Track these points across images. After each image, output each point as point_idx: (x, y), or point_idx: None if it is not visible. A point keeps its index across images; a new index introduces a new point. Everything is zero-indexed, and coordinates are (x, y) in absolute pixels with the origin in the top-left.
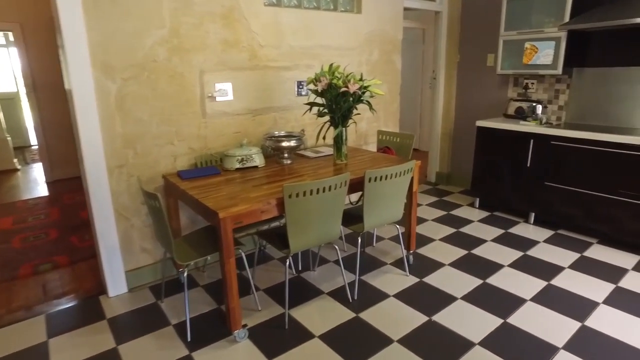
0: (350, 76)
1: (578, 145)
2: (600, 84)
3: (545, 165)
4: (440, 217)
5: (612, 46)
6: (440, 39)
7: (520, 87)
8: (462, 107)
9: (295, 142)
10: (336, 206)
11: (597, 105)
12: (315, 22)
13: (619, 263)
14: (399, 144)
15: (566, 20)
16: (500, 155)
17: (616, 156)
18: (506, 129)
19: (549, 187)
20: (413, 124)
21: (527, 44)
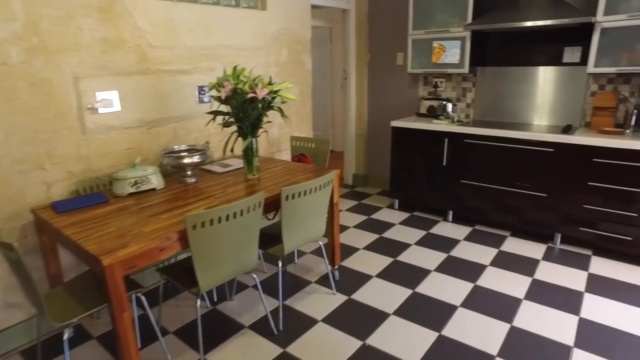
0: (257, 80)
1: (485, 143)
2: (500, 83)
3: (459, 163)
4: (362, 223)
5: (508, 47)
6: (349, 38)
7: (430, 85)
8: (375, 107)
9: (198, 157)
10: (251, 231)
11: (498, 103)
12: (215, 19)
13: (531, 254)
14: (315, 150)
15: (469, 20)
16: (417, 155)
17: (513, 151)
18: (421, 128)
19: (464, 185)
20: (326, 124)
21: (435, 43)
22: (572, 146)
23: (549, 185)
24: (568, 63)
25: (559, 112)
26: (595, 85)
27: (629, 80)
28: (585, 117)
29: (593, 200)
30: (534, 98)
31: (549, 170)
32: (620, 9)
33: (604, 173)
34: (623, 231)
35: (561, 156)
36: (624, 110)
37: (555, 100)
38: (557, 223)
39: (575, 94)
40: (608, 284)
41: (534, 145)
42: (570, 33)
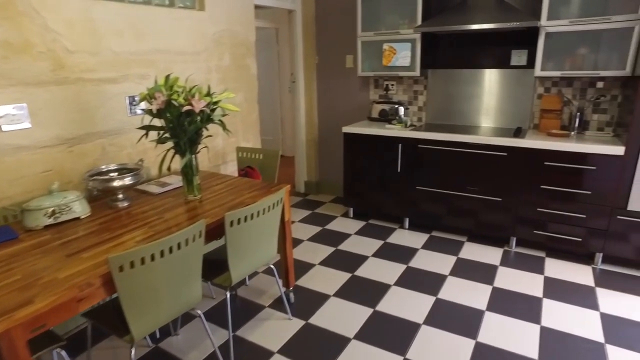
0: (194, 90)
1: (440, 147)
2: (451, 85)
3: (414, 168)
4: (317, 235)
5: (458, 49)
6: (296, 40)
7: (381, 88)
8: (326, 111)
9: (131, 179)
10: (191, 265)
11: (450, 105)
12: (146, 20)
13: (489, 259)
14: (263, 162)
15: (419, 22)
16: (370, 161)
17: (467, 155)
18: (373, 134)
19: (420, 191)
20: (275, 129)
21: (385, 46)
22: (524, 150)
23: (504, 189)
24: (516, 66)
25: (509, 114)
26: (542, 88)
27: (571, 84)
28: (534, 119)
29: (546, 203)
30: (484, 100)
31: (503, 174)
32: (561, 15)
33: (555, 176)
34: (573, 232)
35: (514, 160)
36: (569, 112)
37: (505, 102)
38: (512, 227)
39: (524, 97)
40: (563, 287)
41: (488, 149)
42: (517, 36)
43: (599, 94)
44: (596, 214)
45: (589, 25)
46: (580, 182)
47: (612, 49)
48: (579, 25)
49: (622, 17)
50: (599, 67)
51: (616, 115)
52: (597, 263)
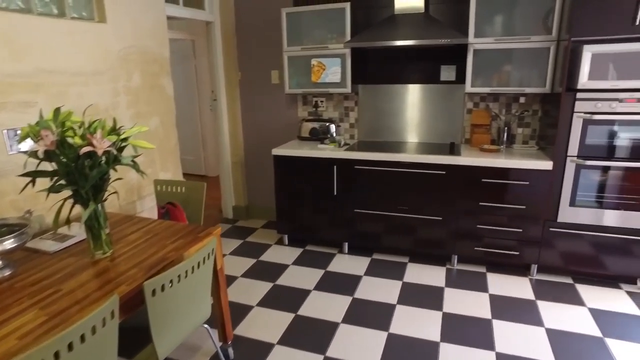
0: (96, 125)
1: (377, 168)
2: (383, 101)
3: (351, 190)
4: (251, 269)
5: (388, 64)
6: (216, 54)
7: (310, 105)
8: (251, 130)
9: (13, 241)
10: (103, 351)
11: (383, 122)
12: (27, 34)
13: (434, 281)
14: (187, 196)
15: (348, 37)
16: (304, 184)
17: (405, 175)
18: (306, 155)
19: (359, 214)
20: (195, 148)
21: (313, 61)
22: (462, 168)
23: (443, 208)
24: (445, 81)
25: (441, 129)
26: (471, 103)
27: (497, 99)
28: (465, 134)
29: (485, 219)
30: (416, 116)
31: (442, 192)
32: (487, 33)
33: (492, 192)
34: (511, 246)
35: (453, 178)
36: (497, 126)
37: (437, 118)
38: (454, 244)
39: (454, 112)
40: (508, 305)
41: (427, 168)
42: (446, 52)
43: (522, 108)
44: (531, 227)
45: (512, 44)
46: (515, 197)
47: (534, 67)
48: (503, 44)
49: (539, 37)
50: (524, 84)
51: (538, 128)
52: (532, 274)
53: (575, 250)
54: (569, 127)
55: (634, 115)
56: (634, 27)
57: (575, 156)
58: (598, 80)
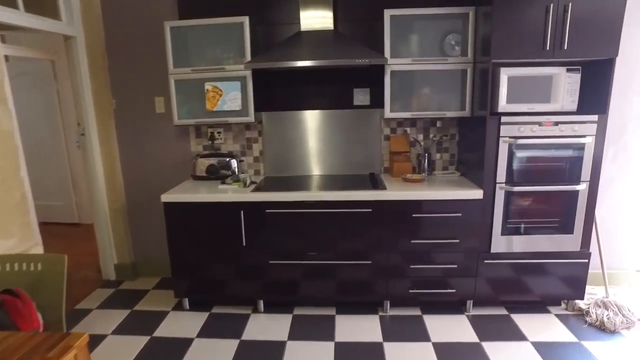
0: None
1: (293, 210)
2: (291, 130)
3: (264, 239)
4: (143, 351)
5: (296, 88)
6: (81, 78)
7: (205, 138)
8: (133, 170)
9: None
10: None
11: (292, 153)
12: None
13: (369, 336)
14: (39, 277)
15: (248, 58)
16: (206, 234)
17: (327, 216)
18: (204, 201)
19: (274, 266)
20: (64, 191)
21: (208, 85)
22: (389, 203)
23: (372, 250)
24: (359, 106)
25: (358, 159)
26: (388, 128)
27: (415, 123)
28: (384, 163)
29: (418, 258)
30: (330, 146)
31: (369, 232)
32: (403, 53)
33: (424, 228)
34: (447, 284)
35: (380, 216)
36: (416, 153)
37: (352, 146)
38: (386, 290)
39: (371, 139)
40: (455, 353)
41: (351, 206)
42: (359, 74)
43: (440, 133)
44: (466, 261)
45: (429, 65)
46: (448, 231)
47: (452, 89)
48: (420, 65)
49: (456, 59)
50: (443, 108)
51: (456, 153)
52: (468, 310)
53: (507, 279)
54: (496, 152)
55: (553, 139)
56: (544, 51)
57: (504, 183)
58: (516, 104)
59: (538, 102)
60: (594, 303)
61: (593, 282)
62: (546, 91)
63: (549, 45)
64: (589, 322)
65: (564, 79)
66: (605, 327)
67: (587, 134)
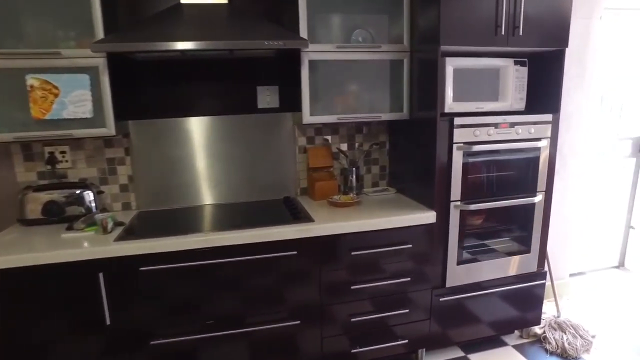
0: None
1: (182, 265)
2: (167, 144)
3: (140, 312)
4: None
5: (174, 86)
6: None
7: (40, 160)
8: None
9: None
10: None
11: (175, 177)
12: None
13: None
14: None
15: (100, 35)
16: (44, 311)
17: (232, 267)
18: (37, 264)
19: (160, 347)
20: None
21: (32, 80)
22: (320, 241)
23: (300, 306)
24: (266, 109)
25: (267, 180)
26: (304, 138)
27: (337, 131)
28: (301, 183)
29: (361, 308)
30: (227, 163)
31: (296, 283)
32: (321, 37)
33: (367, 268)
34: (398, 334)
35: (308, 258)
36: (340, 167)
37: (259, 163)
38: (321, 354)
39: (283, 152)
40: None
41: (267, 250)
42: (264, 66)
43: (368, 141)
44: (418, 302)
45: (358, 54)
46: (397, 268)
47: (387, 85)
48: (348, 52)
49: (393, 46)
50: (376, 109)
51: (388, 165)
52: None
53: (464, 315)
54: (449, 162)
55: (510, 143)
56: (497, 38)
57: (459, 200)
58: (463, 102)
59: (486, 99)
60: (549, 325)
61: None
62: (494, 87)
63: (504, 30)
64: (550, 350)
65: (512, 72)
66: (568, 355)
67: (543, 137)
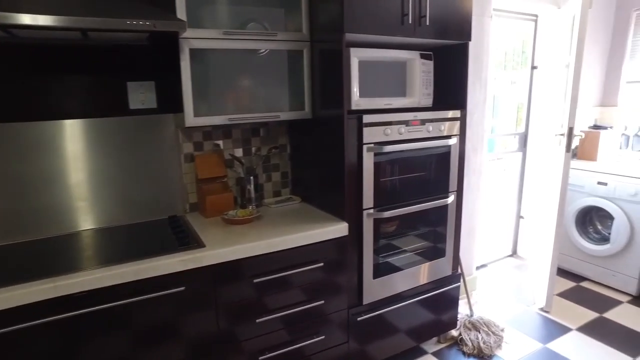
0: None
1: (29, 324)
2: (12, 156)
3: None
4: None
5: (12, 81)
6: None
7: None
8: None
9: None
10: None
11: (19, 199)
12: None
13: None
14: None
15: None
16: None
17: (100, 317)
18: None
19: None
20: None
21: None
22: (213, 270)
23: (197, 352)
24: (139, 110)
25: (146, 196)
26: (190, 144)
27: (229, 134)
28: (189, 198)
29: (270, 341)
30: (96, 178)
31: (188, 323)
32: (206, 22)
33: (273, 295)
34: None
35: (199, 291)
36: (236, 177)
37: (135, 177)
38: None
39: (164, 162)
40: None
41: (145, 289)
42: (136, 56)
43: (267, 145)
44: (335, 326)
45: (250, 42)
46: (308, 291)
47: (286, 80)
48: (237, 41)
49: (291, 34)
50: (274, 107)
51: (290, 171)
52: None
53: (382, 332)
54: (359, 165)
55: (422, 142)
56: (405, 27)
57: (372, 208)
58: (370, 98)
59: (393, 95)
60: (464, 326)
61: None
62: (401, 82)
63: (411, 19)
64: (467, 352)
65: (419, 66)
66: (484, 354)
67: (453, 134)
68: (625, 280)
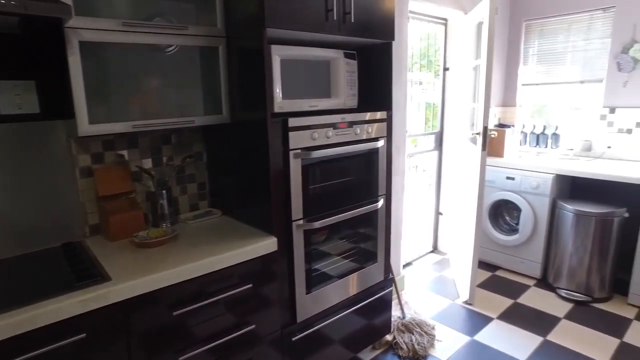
0: None
1: None
2: None
3: None
4: None
5: None
6: None
7: None
8: None
9: None
10: None
11: None
12: None
13: None
14: None
15: None
16: None
17: None
18: None
19: None
20: None
21: None
22: (122, 308)
23: None
24: (17, 116)
25: (34, 221)
26: (87, 156)
27: (136, 142)
28: (89, 219)
29: None
30: None
31: None
32: (102, 11)
33: (197, 326)
34: None
35: (108, 337)
36: (145, 191)
37: (19, 196)
38: None
39: (57, 179)
40: None
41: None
42: (10, 50)
43: (182, 153)
44: (269, 350)
45: (157, 37)
46: (237, 317)
47: (200, 80)
48: (139, 34)
49: (204, 29)
50: (188, 112)
51: (207, 182)
52: None
53: (319, 348)
54: (286, 174)
55: (352, 145)
56: (329, 23)
57: (301, 219)
58: (294, 99)
59: (317, 96)
60: (397, 329)
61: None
62: (325, 82)
63: (336, 15)
64: (402, 355)
65: (343, 65)
66: (419, 356)
67: (380, 136)
68: (531, 266)
